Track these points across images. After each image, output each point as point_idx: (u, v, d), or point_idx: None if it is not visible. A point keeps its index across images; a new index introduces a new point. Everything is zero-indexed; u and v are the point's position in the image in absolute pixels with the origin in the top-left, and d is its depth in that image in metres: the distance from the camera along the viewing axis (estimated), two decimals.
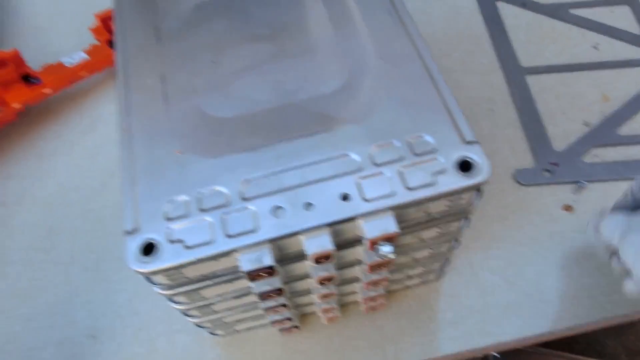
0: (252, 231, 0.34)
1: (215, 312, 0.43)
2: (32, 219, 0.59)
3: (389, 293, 0.51)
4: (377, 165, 0.36)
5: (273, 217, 0.34)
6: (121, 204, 0.36)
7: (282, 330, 0.48)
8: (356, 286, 0.45)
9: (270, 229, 0.34)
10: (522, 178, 0.56)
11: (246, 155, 0.37)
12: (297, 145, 0.37)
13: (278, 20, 0.44)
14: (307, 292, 0.43)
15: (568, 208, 0.55)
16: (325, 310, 0.46)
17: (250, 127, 0.38)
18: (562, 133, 0.59)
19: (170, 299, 0.39)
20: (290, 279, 0.40)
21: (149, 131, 0.39)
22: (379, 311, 0.50)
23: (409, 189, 0.34)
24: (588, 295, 0.50)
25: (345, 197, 0.34)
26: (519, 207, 0.55)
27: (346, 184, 0.35)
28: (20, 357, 0.51)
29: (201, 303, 0.40)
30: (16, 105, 0.60)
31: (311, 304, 0.46)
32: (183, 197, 0.35)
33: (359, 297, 0.48)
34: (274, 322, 0.45)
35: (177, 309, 0.41)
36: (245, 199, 0.35)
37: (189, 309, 0.41)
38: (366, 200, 0.34)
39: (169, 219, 0.35)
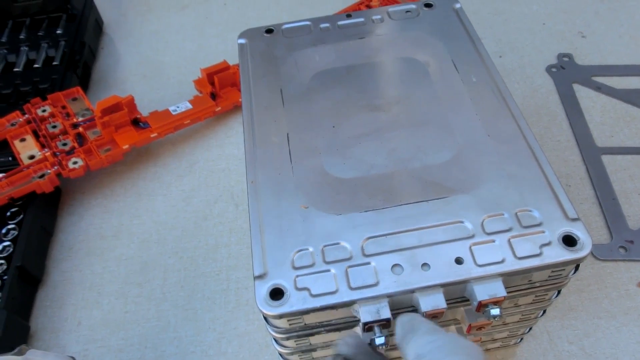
0: (373, 285, 0.37)
1: (314, 359, 0.45)
2: (128, 253, 0.63)
3: None
4: (488, 234, 0.39)
5: (392, 274, 0.37)
6: (213, 246, 0.39)
7: None
8: None
9: (390, 284, 0.37)
10: (599, 253, 0.59)
11: (367, 215, 0.40)
12: (414, 209, 0.40)
13: (391, 94, 0.48)
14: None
15: None
16: None
17: (369, 189, 0.42)
18: (637, 212, 0.61)
19: (279, 341, 0.42)
20: (392, 333, 0.42)
21: (275, 185, 0.43)
22: None
23: (518, 258, 0.37)
24: None
25: (459, 261, 0.38)
26: (595, 280, 0.57)
27: (460, 249, 0.38)
28: None
29: (305, 348, 0.43)
30: (125, 147, 0.65)
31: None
32: (309, 249, 0.39)
33: None
34: None
35: (280, 352, 0.44)
36: (366, 255, 0.38)
37: (291, 353, 0.44)
38: (478, 265, 0.37)
39: (296, 268, 0.38)
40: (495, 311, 0.37)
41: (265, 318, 0.38)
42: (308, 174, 0.43)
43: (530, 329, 0.50)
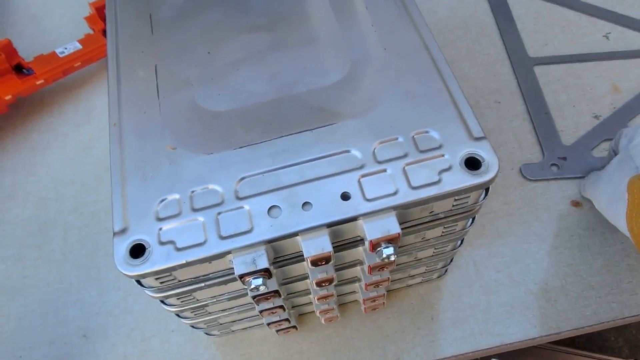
0: (246, 232, 0.32)
1: (210, 313, 0.41)
2: (24, 214, 0.57)
3: (390, 292, 0.49)
4: (379, 162, 0.34)
5: (269, 217, 0.32)
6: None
7: (279, 331, 0.47)
8: (356, 286, 0.44)
9: (266, 230, 0.32)
10: (529, 173, 0.54)
11: (242, 152, 0.35)
12: (296, 141, 0.35)
13: (277, 9, 0.42)
14: (305, 292, 0.41)
15: (577, 204, 0.53)
16: (324, 312, 0.45)
17: (247, 121, 0.36)
18: (571, 126, 0.57)
19: (163, 301, 0.37)
20: (287, 281, 0.38)
21: (140, 126, 0.37)
22: (379, 310, 0.49)
23: (413, 187, 0.33)
24: (596, 295, 0.49)
25: (345, 197, 0.33)
26: (525, 203, 0.53)
27: (347, 183, 0.33)
28: (11, 357, 0.50)
29: (194, 305, 0.38)
30: (7, 97, 0.58)
31: (309, 303, 0.45)
32: (175, 196, 0.34)
33: (359, 297, 0.46)
34: (270, 324, 0.44)
35: (170, 311, 0.39)
36: (240, 198, 0.33)
37: (182, 311, 0.39)
38: (367, 199, 0.32)
39: (160, 219, 0.33)
40: (388, 250, 0.33)
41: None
42: (177, 110, 0.37)
43: (452, 260, 0.46)
